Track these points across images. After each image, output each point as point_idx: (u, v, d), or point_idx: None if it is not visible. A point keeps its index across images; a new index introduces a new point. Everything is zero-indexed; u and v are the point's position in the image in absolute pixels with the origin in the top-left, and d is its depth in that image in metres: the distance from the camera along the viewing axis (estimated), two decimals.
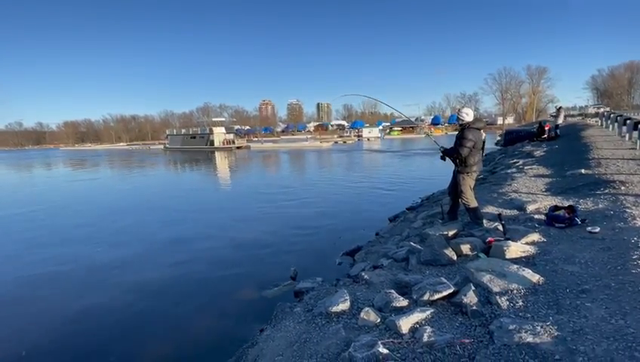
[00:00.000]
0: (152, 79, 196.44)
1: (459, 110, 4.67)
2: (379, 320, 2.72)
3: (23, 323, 4.80)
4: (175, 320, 4.63)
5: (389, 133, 76.39)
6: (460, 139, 4.46)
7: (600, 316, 2.18)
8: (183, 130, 62.43)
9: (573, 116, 37.91)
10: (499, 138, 22.24)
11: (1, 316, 5.03)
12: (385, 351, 2.19)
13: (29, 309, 5.17)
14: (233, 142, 52.75)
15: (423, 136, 68.60)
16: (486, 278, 2.84)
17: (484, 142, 4.65)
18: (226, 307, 4.89)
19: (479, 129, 4.55)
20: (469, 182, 4.54)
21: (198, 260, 6.81)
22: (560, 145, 13.51)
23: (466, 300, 2.62)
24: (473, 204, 4.54)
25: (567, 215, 4.14)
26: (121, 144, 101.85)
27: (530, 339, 2.02)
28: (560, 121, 16.36)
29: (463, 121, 4.54)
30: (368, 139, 63.13)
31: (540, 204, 5.19)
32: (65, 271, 6.54)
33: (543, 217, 4.49)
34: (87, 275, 6.30)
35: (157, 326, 4.49)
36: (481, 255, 3.64)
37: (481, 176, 9.07)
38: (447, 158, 4.74)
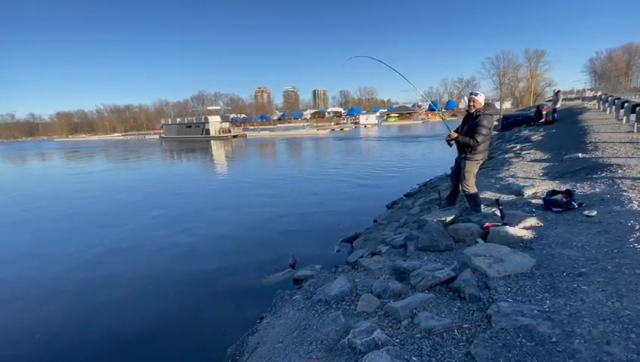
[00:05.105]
0: (145, 68, 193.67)
1: (470, 94, 4.43)
2: (378, 306, 2.74)
3: (28, 313, 4.82)
4: (175, 309, 4.66)
5: (386, 120, 75.98)
6: (476, 127, 4.24)
7: (596, 299, 2.20)
8: (178, 120, 61.67)
9: (570, 100, 37.77)
10: (496, 123, 22.18)
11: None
12: (384, 336, 2.21)
13: (28, 301, 5.19)
14: (229, 131, 52.21)
15: (421, 122, 68.35)
16: (484, 263, 2.85)
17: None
18: (225, 295, 4.92)
19: (492, 115, 4.38)
20: (473, 169, 4.45)
21: (197, 249, 6.82)
22: (557, 129, 13.48)
23: (463, 285, 2.65)
24: (473, 190, 4.51)
25: (564, 199, 4.15)
26: (116, 134, 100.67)
27: (527, 323, 2.04)
28: (558, 104, 16.23)
29: (474, 106, 4.32)
30: (365, 126, 62.78)
31: (538, 188, 5.20)
32: (63, 256, 6.54)
33: (540, 202, 4.50)
34: (84, 263, 6.30)
35: (157, 316, 4.52)
36: (479, 240, 3.66)
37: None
38: (453, 144, 4.50)
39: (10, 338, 4.27)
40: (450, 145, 4.55)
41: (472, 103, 4.34)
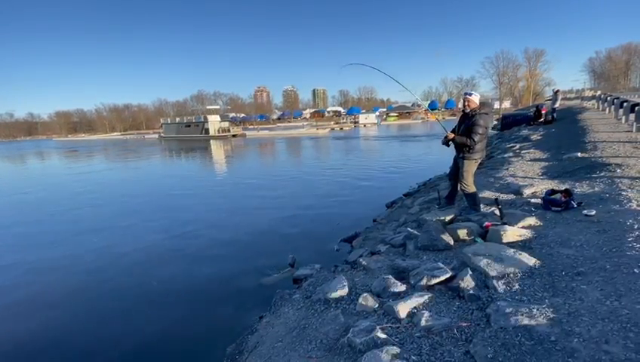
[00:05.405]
0: (145, 67, 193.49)
1: (465, 94, 4.47)
2: (377, 305, 2.75)
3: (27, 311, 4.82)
4: (175, 308, 4.66)
5: (385, 119, 76.01)
6: (472, 126, 4.25)
7: (595, 298, 2.20)
8: (178, 119, 61.59)
9: (570, 99, 37.79)
10: (495, 122, 22.23)
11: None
12: (383, 335, 2.21)
13: (32, 298, 5.18)
14: (229, 130, 52.11)
15: (420, 121, 68.37)
16: (483, 262, 2.86)
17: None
18: (225, 294, 4.92)
19: (488, 114, 4.40)
20: (471, 168, 4.46)
21: (197, 249, 6.82)
22: (557, 128, 13.49)
23: (463, 284, 2.65)
24: (472, 189, 4.52)
25: (563, 198, 4.16)
26: (115, 133, 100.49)
27: (526, 322, 2.04)
28: (557, 104, 16.23)
29: (469, 106, 4.34)
30: (365, 125, 62.74)
31: (537, 187, 5.20)
32: (61, 259, 6.53)
33: (539, 201, 4.50)
34: (84, 265, 6.29)
35: (157, 316, 4.52)
36: (478, 239, 3.66)
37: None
38: (450, 144, 4.51)
39: (10, 339, 4.27)
40: (448, 146, 4.58)
41: (466, 103, 4.38)
